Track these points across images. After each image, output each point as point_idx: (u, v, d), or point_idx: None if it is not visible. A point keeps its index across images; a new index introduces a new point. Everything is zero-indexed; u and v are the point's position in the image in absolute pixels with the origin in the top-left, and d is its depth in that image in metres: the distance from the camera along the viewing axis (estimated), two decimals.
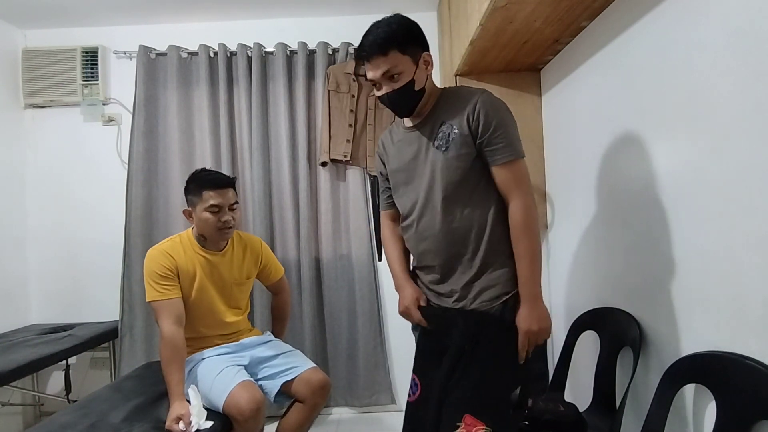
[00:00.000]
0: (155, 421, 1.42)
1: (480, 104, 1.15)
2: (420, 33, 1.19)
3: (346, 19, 2.52)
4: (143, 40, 2.45)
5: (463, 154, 1.16)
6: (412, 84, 1.16)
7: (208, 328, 1.69)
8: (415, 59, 1.16)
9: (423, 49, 1.19)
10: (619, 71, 1.40)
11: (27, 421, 2.45)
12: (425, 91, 1.20)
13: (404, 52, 1.14)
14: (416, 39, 1.17)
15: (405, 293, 1.32)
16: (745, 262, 0.94)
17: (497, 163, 1.15)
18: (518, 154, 1.16)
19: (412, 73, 1.15)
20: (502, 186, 1.17)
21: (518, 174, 1.16)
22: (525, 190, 1.16)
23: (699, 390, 1.04)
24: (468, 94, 1.19)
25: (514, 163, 1.15)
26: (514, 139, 1.16)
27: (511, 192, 1.16)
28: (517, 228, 1.15)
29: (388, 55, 1.13)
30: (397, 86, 1.16)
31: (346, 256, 2.47)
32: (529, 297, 1.14)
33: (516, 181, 1.15)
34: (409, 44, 1.15)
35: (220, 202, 1.58)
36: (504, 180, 1.16)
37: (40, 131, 2.55)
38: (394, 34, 1.13)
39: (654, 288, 1.27)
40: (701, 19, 1.03)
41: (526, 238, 1.14)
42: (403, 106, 1.22)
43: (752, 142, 0.90)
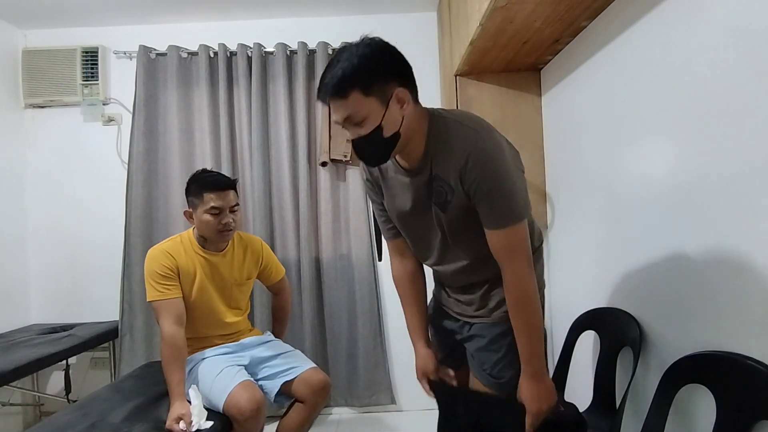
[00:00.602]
0: (155, 421, 1.43)
1: (471, 163, 0.96)
2: (395, 63, 0.96)
3: (346, 19, 2.52)
4: (143, 40, 2.45)
5: (466, 212, 1.03)
6: (380, 131, 0.94)
7: (209, 329, 1.69)
8: (384, 100, 0.93)
9: (398, 82, 0.95)
10: (619, 71, 1.40)
11: (27, 421, 2.45)
12: (400, 136, 0.97)
13: (368, 94, 0.92)
14: (387, 73, 0.94)
15: (417, 360, 1.26)
16: (745, 262, 0.94)
17: (488, 228, 1.02)
18: (514, 219, 0.99)
19: (379, 118, 0.93)
20: (494, 251, 1.03)
21: (512, 241, 1.01)
22: (520, 257, 1.01)
23: (699, 390, 1.04)
24: (458, 143, 0.98)
25: (507, 229, 1.00)
26: (510, 203, 0.99)
27: (503, 260, 1.03)
28: (513, 302, 1.04)
29: (348, 99, 0.92)
30: (363, 133, 0.95)
31: (346, 256, 2.47)
32: (533, 375, 1.04)
33: (509, 249, 1.01)
34: (374, 83, 0.92)
35: (220, 204, 1.58)
36: (495, 246, 1.02)
37: (40, 131, 2.55)
38: (355, 73, 0.90)
39: (654, 288, 1.27)
40: (701, 19, 1.03)
41: (523, 314, 1.03)
42: (370, 156, 1.03)
43: (752, 142, 0.90)
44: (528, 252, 1.02)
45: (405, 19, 2.53)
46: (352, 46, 0.94)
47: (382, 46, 0.95)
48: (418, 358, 1.26)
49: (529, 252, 1.02)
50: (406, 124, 0.97)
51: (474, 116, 1.04)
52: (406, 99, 0.96)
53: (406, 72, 0.98)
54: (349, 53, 0.92)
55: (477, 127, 1.00)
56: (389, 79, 0.94)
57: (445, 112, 1.05)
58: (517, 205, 1.00)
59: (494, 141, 0.99)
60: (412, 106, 0.98)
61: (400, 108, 0.95)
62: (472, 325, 1.19)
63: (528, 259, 1.02)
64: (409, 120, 0.98)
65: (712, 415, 0.98)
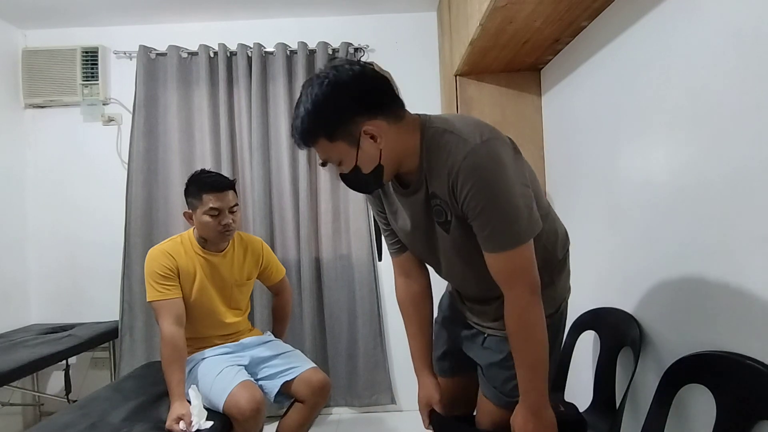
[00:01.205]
0: (155, 421, 1.42)
1: (462, 179, 0.86)
2: (356, 97, 0.86)
3: (346, 19, 2.52)
4: (143, 40, 2.45)
5: (470, 233, 0.93)
6: (359, 170, 0.90)
7: (209, 329, 1.69)
8: (353, 141, 0.87)
9: (366, 116, 0.86)
10: (619, 71, 1.40)
11: (27, 421, 2.45)
12: (383, 167, 0.91)
13: (333, 139, 0.87)
14: (349, 112, 0.86)
15: (420, 390, 1.18)
16: (745, 262, 0.94)
17: (485, 251, 0.92)
18: (512, 242, 0.88)
19: (353, 159, 0.89)
20: (495, 275, 0.93)
21: (511, 265, 0.90)
22: (521, 284, 0.91)
23: (699, 390, 1.04)
24: (448, 156, 0.88)
25: (506, 254, 0.89)
26: (508, 224, 0.87)
27: (502, 285, 0.94)
28: (511, 332, 0.94)
29: (317, 146, 0.90)
30: (344, 171, 0.92)
31: (346, 256, 2.47)
32: (529, 408, 0.95)
33: (507, 275, 0.92)
34: (336, 127, 0.86)
35: (219, 205, 1.58)
36: (493, 270, 0.93)
37: (40, 131, 2.55)
38: (313, 121, 0.86)
39: (654, 288, 1.27)
40: (701, 19, 1.03)
41: (522, 346, 0.94)
42: (360, 189, 1.00)
43: (752, 142, 0.90)
44: (531, 278, 0.91)
45: (405, 19, 2.53)
46: (308, 88, 0.87)
47: (336, 83, 0.85)
48: (422, 389, 1.18)
49: (532, 277, 0.91)
50: (388, 152, 0.90)
51: (471, 122, 0.92)
52: (378, 131, 0.87)
53: (374, 98, 0.88)
54: (305, 97, 0.87)
55: (469, 136, 0.87)
56: (353, 117, 0.86)
57: (439, 120, 0.94)
58: (516, 227, 0.88)
59: (490, 152, 0.86)
60: (392, 130, 0.89)
61: (374, 143, 0.88)
62: (486, 338, 1.10)
63: (531, 285, 0.91)
64: (392, 146, 0.90)
65: (712, 414, 0.98)
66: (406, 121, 0.93)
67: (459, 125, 0.91)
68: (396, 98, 0.92)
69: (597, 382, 1.48)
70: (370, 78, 0.88)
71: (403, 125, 0.92)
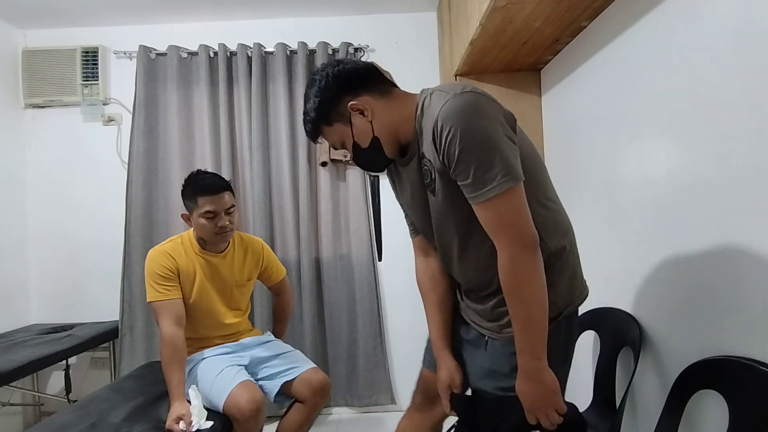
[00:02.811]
0: (155, 421, 1.42)
1: (440, 125, 0.87)
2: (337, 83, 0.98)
3: (346, 19, 2.52)
4: (143, 40, 2.45)
5: (453, 194, 0.93)
6: (358, 146, 1.00)
7: (209, 329, 1.69)
8: (345, 119, 0.98)
9: (350, 96, 0.97)
10: (619, 71, 1.40)
11: (27, 421, 2.45)
12: (379, 139, 0.98)
13: (331, 123, 1.00)
14: (334, 97, 0.98)
15: (441, 372, 1.14)
16: (744, 262, 0.94)
17: (471, 202, 0.90)
18: (496, 187, 0.85)
19: (350, 136, 1.00)
20: (486, 229, 0.91)
21: (498, 215, 0.87)
22: (511, 236, 0.87)
23: (711, 395, 1.02)
24: (433, 109, 0.91)
25: (491, 201, 0.86)
26: (488, 167, 0.85)
27: (494, 237, 0.90)
28: (505, 288, 0.91)
29: (323, 134, 1.03)
30: (350, 152, 1.03)
31: (346, 256, 2.47)
32: (528, 370, 0.91)
33: (496, 227, 0.89)
34: (329, 113, 0.99)
35: (215, 208, 1.57)
36: (483, 223, 0.91)
37: (40, 131, 2.55)
38: (312, 115, 1.01)
39: (654, 288, 1.27)
40: (701, 19, 1.03)
41: (516, 301, 0.90)
42: (370, 166, 1.08)
43: (752, 141, 0.90)
44: (521, 229, 0.87)
45: (405, 19, 2.53)
46: (307, 87, 1.03)
47: (324, 76, 0.99)
48: (443, 369, 1.13)
49: (523, 229, 0.87)
50: (380, 124, 0.98)
51: (457, 83, 1.03)
52: (363, 105, 0.97)
53: (353, 81, 0.99)
54: (306, 97, 1.02)
55: (450, 89, 0.91)
56: (339, 100, 0.98)
57: (435, 86, 0.99)
58: (500, 169, 0.85)
59: (469, 99, 0.87)
60: (380, 103, 0.98)
61: (362, 117, 0.98)
62: (487, 341, 1.06)
63: (522, 237, 0.87)
64: (383, 117, 0.98)
65: (725, 420, 0.96)
66: (396, 95, 1.01)
67: (444, 85, 0.97)
68: (380, 77, 1.01)
69: (597, 382, 1.48)
70: (349, 64, 1.01)
71: (392, 99, 1.00)
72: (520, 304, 0.90)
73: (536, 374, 0.91)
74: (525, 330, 0.90)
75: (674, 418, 1.08)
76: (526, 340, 0.91)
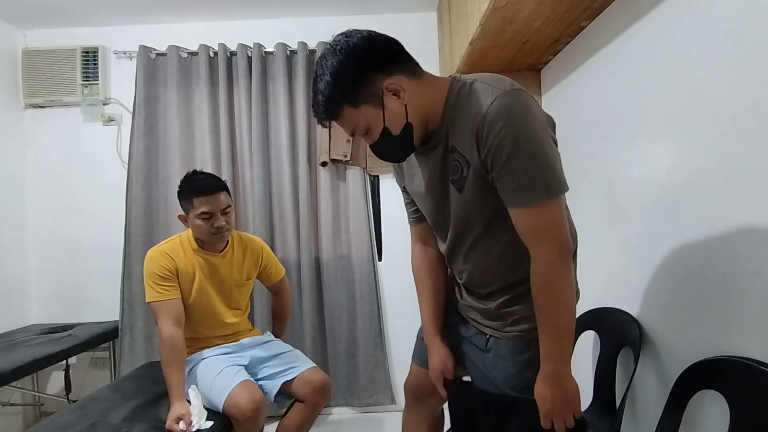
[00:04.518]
0: (155, 421, 1.42)
1: (488, 123, 0.82)
2: (371, 57, 0.86)
3: (346, 19, 2.52)
4: (143, 40, 2.45)
5: (484, 192, 0.90)
6: (388, 132, 0.89)
7: (208, 329, 1.69)
8: (377, 101, 0.87)
9: (385, 73, 0.86)
10: (619, 71, 1.40)
11: (27, 421, 2.44)
12: (412, 125, 0.90)
13: (357, 104, 0.87)
14: (367, 73, 0.86)
15: (432, 359, 1.14)
16: (744, 262, 0.94)
17: (511, 206, 0.88)
18: (543, 194, 0.83)
19: (381, 121, 0.88)
20: (519, 233, 0.89)
21: (540, 221, 0.85)
22: (550, 242, 0.85)
23: (712, 396, 1.02)
24: (476, 103, 0.85)
25: (535, 208, 0.84)
26: (538, 173, 0.83)
27: (530, 244, 0.88)
28: (536, 293, 0.89)
29: (342, 116, 0.89)
30: (374, 139, 0.91)
31: (346, 256, 2.47)
32: (549, 375, 0.90)
33: (537, 232, 0.86)
34: (358, 91, 0.86)
35: (210, 208, 1.57)
36: (520, 227, 0.88)
37: (40, 131, 2.55)
38: (334, 90, 0.86)
39: (654, 288, 1.27)
40: (701, 19, 1.03)
41: (549, 308, 0.88)
42: (393, 156, 0.99)
43: (752, 142, 0.90)
44: (562, 235, 0.86)
45: (405, 19, 2.53)
46: (322, 61, 0.87)
47: (349, 46, 0.85)
48: (435, 356, 1.14)
49: (563, 235, 0.86)
50: (414, 109, 0.89)
51: (501, 76, 0.89)
52: (400, 86, 0.87)
53: (389, 56, 0.88)
54: (321, 70, 0.87)
55: (499, 84, 0.84)
56: (372, 77, 0.86)
57: (469, 75, 0.92)
58: (547, 178, 0.83)
59: (519, 99, 0.83)
60: (413, 84, 0.89)
61: (397, 99, 0.87)
62: (489, 339, 1.05)
63: (560, 244, 0.85)
64: (416, 102, 0.89)
65: (726, 421, 0.96)
66: (427, 78, 0.92)
67: (484, 76, 0.90)
68: (410, 56, 0.92)
69: (597, 382, 1.48)
70: (382, 37, 0.89)
71: (424, 81, 0.91)
72: (554, 310, 0.88)
73: (561, 379, 0.90)
74: (556, 336, 0.89)
75: (675, 418, 1.08)
76: (556, 345, 0.89)
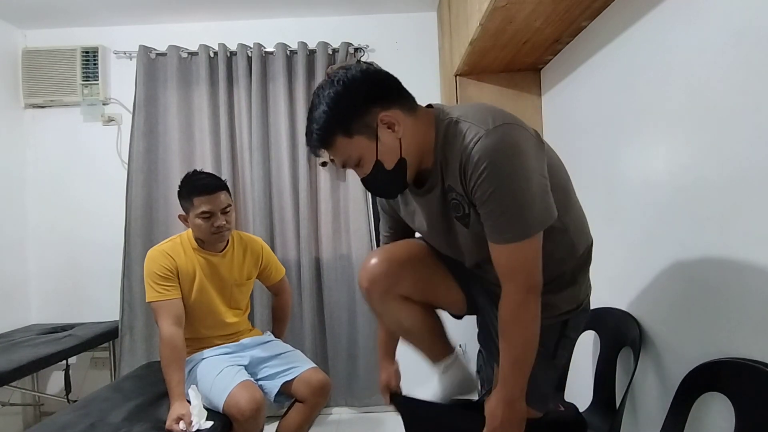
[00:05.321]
0: (155, 421, 1.42)
1: (471, 165, 0.83)
2: (367, 90, 0.87)
3: (346, 19, 2.52)
4: (143, 40, 2.45)
5: None
6: (381, 165, 0.89)
7: (209, 329, 1.69)
8: (371, 133, 0.87)
9: (380, 106, 0.87)
10: (619, 71, 1.40)
11: (27, 421, 2.44)
12: (406, 161, 0.90)
13: (351, 135, 0.87)
14: (362, 105, 0.86)
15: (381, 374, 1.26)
16: (745, 262, 0.94)
17: (489, 240, 0.89)
18: (518, 234, 0.84)
19: (374, 153, 0.88)
20: (495, 266, 0.90)
21: (514, 259, 0.87)
22: (520, 281, 0.88)
23: (717, 398, 1.00)
24: (461, 143, 0.86)
25: (511, 246, 0.86)
26: (514, 214, 0.84)
27: (503, 278, 0.90)
28: (504, 325, 0.92)
29: (335, 146, 0.89)
30: (366, 172, 0.91)
31: (346, 256, 2.47)
32: (507, 398, 0.93)
33: (509, 269, 0.88)
34: (352, 121, 0.86)
35: (210, 208, 1.57)
36: (495, 262, 0.90)
37: (40, 131, 2.55)
38: (329, 120, 0.86)
39: (654, 288, 1.27)
40: (701, 19, 1.03)
41: (512, 341, 0.91)
42: (384, 192, 1.00)
43: (752, 142, 0.90)
44: (531, 275, 0.88)
45: (405, 19, 2.53)
46: (320, 91, 0.88)
47: (349, 78, 0.87)
48: (383, 372, 1.26)
49: (533, 276, 0.88)
50: (408, 144, 0.89)
51: (485, 108, 0.90)
52: (395, 120, 0.87)
53: (385, 89, 0.89)
54: (318, 98, 0.88)
55: (482, 122, 0.85)
56: (367, 109, 0.87)
57: (453, 111, 0.93)
58: (524, 218, 0.84)
59: (504, 135, 0.83)
60: (409, 120, 0.89)
61: (392, 132, 0.88)
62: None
63: (529, 283, 0.88)
64: (410, 138, 0.89)
65: (731, 424, 0.95)
66: (420, 114, 0.93)
67: (472, 113, 0.89)
68: (407, 92, 0.93)
69: (597, 382, 1.48)
70: (380, 72, 0.91)
71: (418, 117, 0.92)
72: (515, 344, 0.92)
73: (513, 403, 0.94)
74: (516, 366, 0.93)
75: (679, 421, 1.06)
76: (516, 373, 0.93)
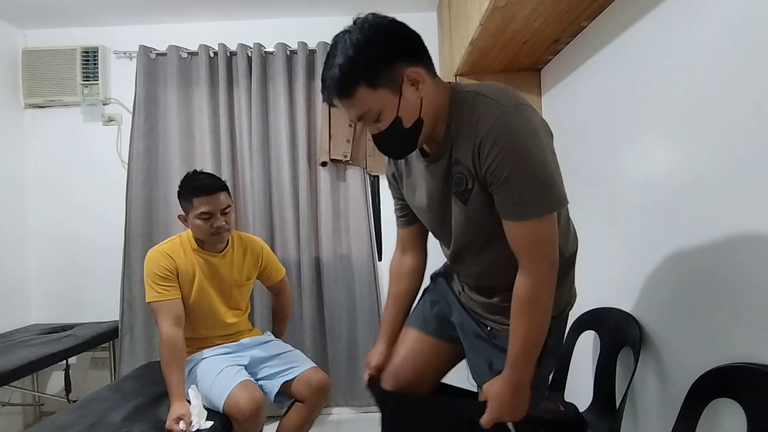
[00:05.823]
0: (155, 421, 1.42)
1: (490, 142, 0.81)
2: (397, 41, 0.85)
3: (346, 20, 2.45)
4: (143, 40, 2.45)
5: (490, 203, 0.89)
6: (399, 122, 0.86)
7: (208, 329, 1.69)
8: (396, 87, 0.83)
9: (407, 61, 0.84)
10: (619, 71, 1.40)
11: (27, 421, 2.45)
12: (423, 121, 0.87)
13: (375, 86, 0.82)
14: (391, 56, 0.83)
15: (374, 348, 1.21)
16: (745, 262, 0.94)
17: (505, 218, 0.88)
18: (539, 210, 0.83)
19: (395, 109, 0.84)
20: (513, 244, 0.88)
21: (535, 236, 0.85)
22: (542, 256, 0.86)
23: (728, 404, 0.99)
24: (479, 118, 0.84)
25: (530, 222, 0.84)
26: (538, 189, 0.83)
27: (522, 256, 0.88)
28: (518, 303, 0.90)
29: (356, 97, 0.83)
30: (382, 128, 0.87)
31: (346, 256, 2.47)
32: (516, 382, 0.91)
33: (530, 245, 0.86)
34: (379, 72, 0.82)
35: (210, 209, 1.57)
36: (514, 239, 0.88)
37: (40, 131, 2.55)
38: (354, 67, 0.81)
39: (654, 288, 1.27)
40: (701, 19, 1.03)
41: (527, 318, 0.89)
42: (394, 150, 0.95)
43: (752, 142, 0.90)
44: (553, 252, 0.87)
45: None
46: (345, 35, 0.84)
47: (378, 25, 0.84)
48: (377, 348, 1.20)
49: (554, 252, 0.87)
50: (428, 106, 0.87)
51: (502, 88, 0.89)
52: (420, 77, 0.85)
53: (413, 46, 0.86)
54: (343, 44, 0.83)
55: (502, 99, 0.84)
56: (395, 61, 0.83)
57: (470, 85, 0.91)
58: (547, 193, 0.83)
59: (522, 116, 0.83)
60: (429, 82, 0.87)
61: (415, 90, 0.85)
62: (491, 331, 1.06)
63: (550, 260, 0.87)
64: (430, 100, 0.87)
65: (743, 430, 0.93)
66: (438, 80, 0.91)
67: (487, 89, 0.88)
68: (430, 55, 0.90)
69: (597, 382, 1.48)
70: (409, 28, 0.88)
71: (436, 82, 0.90)
72: (530, 321, 0.89)
73: (520, 388, 0.92)
74: (528, 346, 0.90)
75: (689, 427, 1.04)
76: (525, 355, 0.91)
